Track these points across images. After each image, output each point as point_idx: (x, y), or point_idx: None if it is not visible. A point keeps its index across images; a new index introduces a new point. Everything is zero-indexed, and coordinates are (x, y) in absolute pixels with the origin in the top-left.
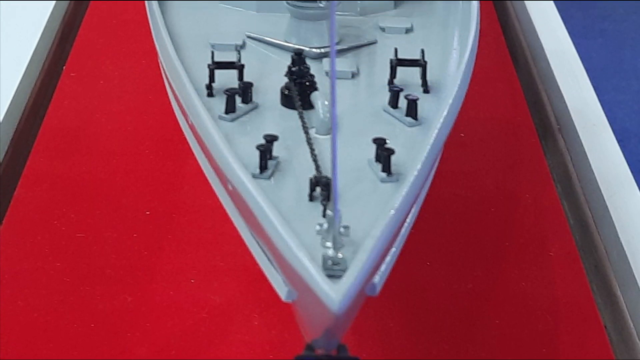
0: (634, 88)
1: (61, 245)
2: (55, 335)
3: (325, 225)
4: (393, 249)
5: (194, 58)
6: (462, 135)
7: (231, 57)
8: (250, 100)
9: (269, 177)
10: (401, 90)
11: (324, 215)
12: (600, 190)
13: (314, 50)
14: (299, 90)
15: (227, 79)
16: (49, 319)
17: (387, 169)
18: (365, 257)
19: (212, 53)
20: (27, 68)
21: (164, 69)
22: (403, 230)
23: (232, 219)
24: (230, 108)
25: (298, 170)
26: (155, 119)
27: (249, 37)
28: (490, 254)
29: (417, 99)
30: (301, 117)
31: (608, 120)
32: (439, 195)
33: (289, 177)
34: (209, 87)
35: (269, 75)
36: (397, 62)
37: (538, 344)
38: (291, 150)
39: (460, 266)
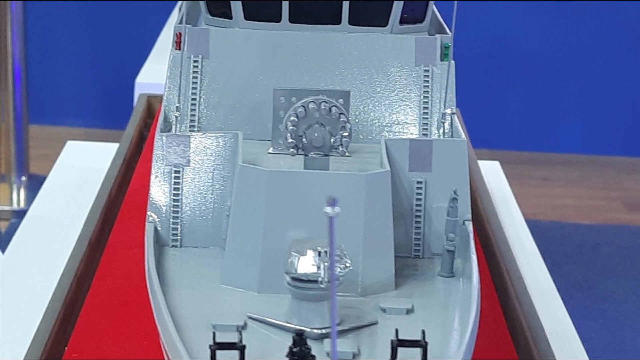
0: None
1: None
2: None
3: None
4: None
5: (195, 339)
6: None
7: (232, 337)
8: None
9: None
10: None
11: None
12: None
13: (315, 331)
14: None
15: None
16: None
17: None
18: None
19: (214, 334)
20: (28, 350)
21: (165, 350)
22: None
23: None
24: None
25: None
26: None
27: (250, 317)
28: None
29: None
30: None
31: None
32: None
33: None
34: None
35: (271, 355)
36: (398, 343)
37: None
38: None
39: None
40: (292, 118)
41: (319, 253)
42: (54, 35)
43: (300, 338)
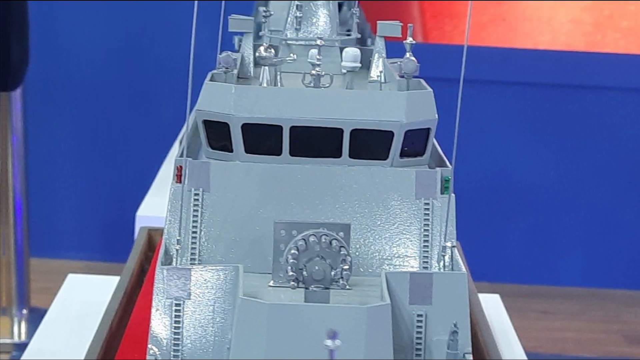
0: None
1: None
2: None
3: None
4: None
5: None
6: None
7: None
8: None
9: None
10: None
11: None
12: None
13: None
14: None
15: None
16: None
17: None
18: None
19: None
20: None
21: None
22: None
23: None
24: None
25: None
26: None
27: None
28: None
29: None
30: None
31: None
32: None
33: None
34: None
35: None
36: None
37: None
38: None
39: None
40: (292, 251)
41: None
42: (55, 169)
43: None
